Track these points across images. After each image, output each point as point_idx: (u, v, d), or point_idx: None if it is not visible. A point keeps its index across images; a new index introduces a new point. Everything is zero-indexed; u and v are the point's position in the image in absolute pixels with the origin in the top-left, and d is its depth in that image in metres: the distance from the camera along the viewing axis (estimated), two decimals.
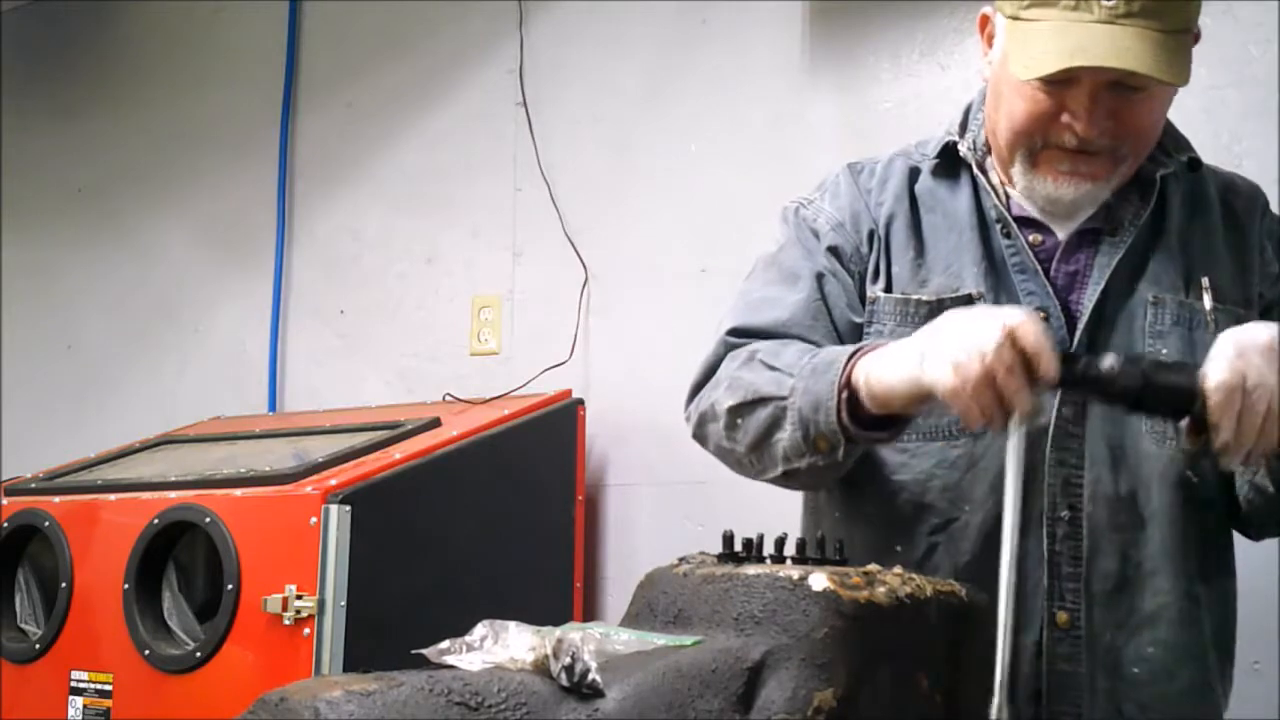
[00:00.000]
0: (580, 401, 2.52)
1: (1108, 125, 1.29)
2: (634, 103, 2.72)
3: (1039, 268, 1.35)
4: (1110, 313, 1.34)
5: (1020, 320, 1.12)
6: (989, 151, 1.41)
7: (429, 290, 2.95)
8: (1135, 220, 1.37)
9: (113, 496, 2.13)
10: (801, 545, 1.15)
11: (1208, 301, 1.35)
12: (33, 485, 2.36)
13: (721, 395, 1.33)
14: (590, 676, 0.92)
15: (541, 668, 0.94)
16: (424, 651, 0.98)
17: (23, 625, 2.19)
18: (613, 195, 2.72)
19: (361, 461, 2.04)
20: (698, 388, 1.39)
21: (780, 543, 1.17)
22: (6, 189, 3.78)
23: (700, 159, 2.61)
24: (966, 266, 1.36)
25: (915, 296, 1.36)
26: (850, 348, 1.25)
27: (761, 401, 1.28)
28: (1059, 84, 1.27)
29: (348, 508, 1.85)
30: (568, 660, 0.92)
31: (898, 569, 1.11)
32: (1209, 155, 2.05)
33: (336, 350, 3.08)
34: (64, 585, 2.09)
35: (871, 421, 1.22)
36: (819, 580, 1.02)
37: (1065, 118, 1.29)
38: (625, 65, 2.75)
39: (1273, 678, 1.90)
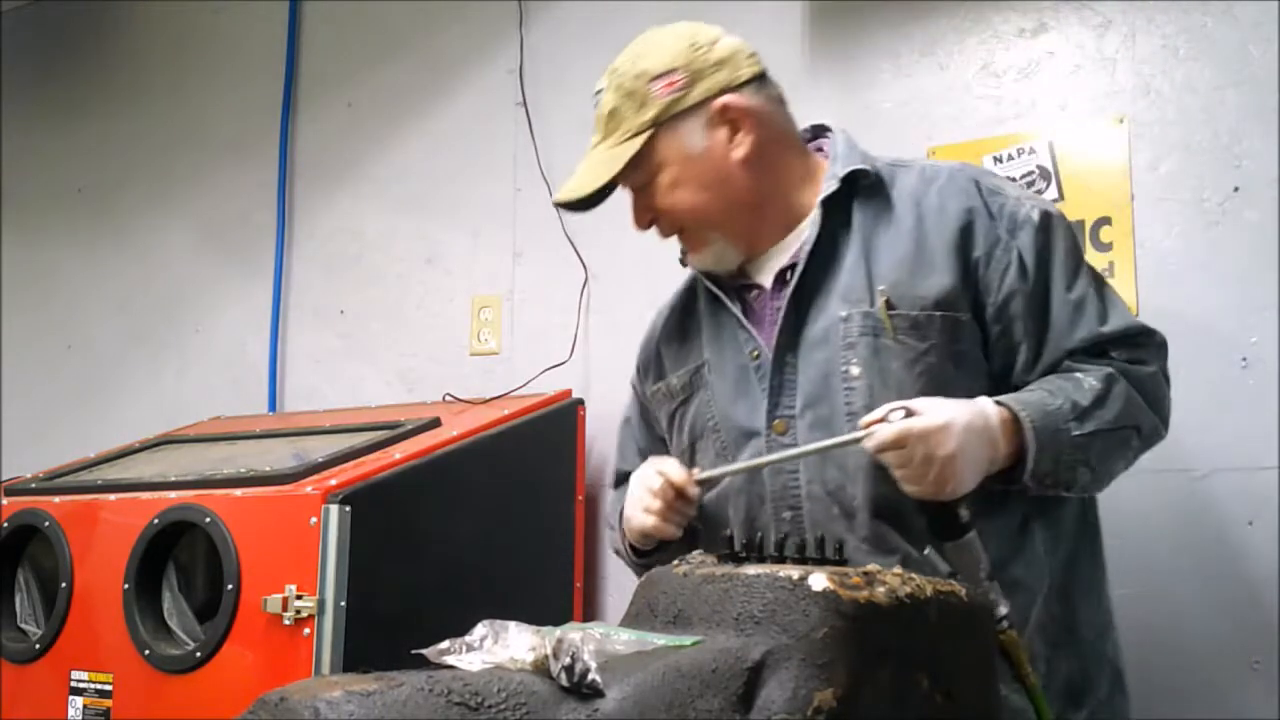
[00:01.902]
0: (580, 401, 2.52)
1: (648, 217, 1.59)
2: None
3: (742, 320, 1.57)
4: (815, 333, 1.51)
5: (667, 465, 1.51)
6: None
7: (429, 290, 2.95)
8: (804, 250, 1.53)
9: (113, 496, 2.13)
10: (801, 545, 1.15)
11: (884, 309, 1.46)
12: (33, 485, 2.36)
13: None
14: (590, 676, 0.92)
15: (541, 668, 0.94)
16: (424, 651, 0.98)
17: (23, 625, 2.19)
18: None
19: (361, 461, 2.04)
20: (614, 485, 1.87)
21: (780, 543, 1.17)
22: (6, 189, 3.78)
23: None
24: (703, 342, 1.63)
25: (664, 382, 1.68)
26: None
27: (616, 551, 1.72)
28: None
29: (347, 508, 1.84)
30: (568, 660, 0.92)
31: (897, 569, 1.11)
32: (1209, 155, 2.07)
33: (336, 350, 3.08)
34: (64, 585, 2.09)
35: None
36: (819, 580, 1.02)
37: (636, 221, 1.61)
38: None
39: (1273, 677, 1.90)
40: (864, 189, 1.55)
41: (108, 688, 1.99)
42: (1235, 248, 2.03)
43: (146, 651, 1.93)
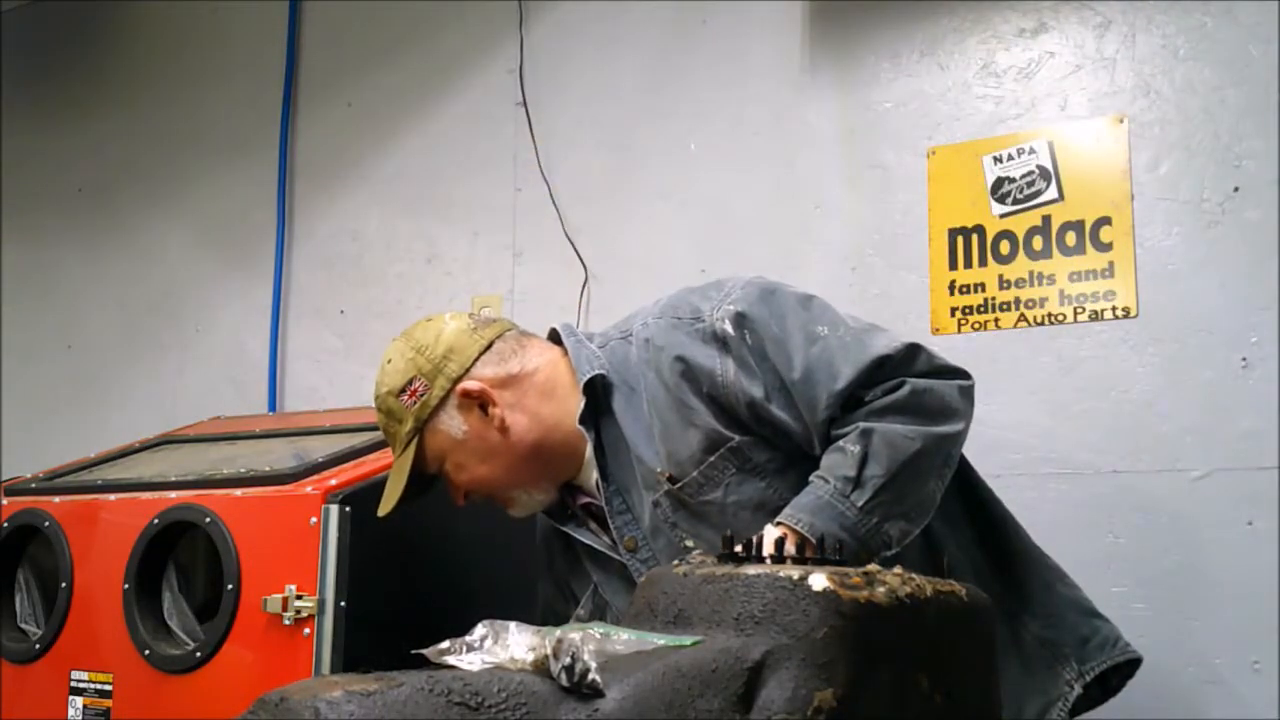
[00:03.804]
0: None
1: (459, 494, 1.71)
2: (634, 103, 2.72)
3: (594, 536, 1.68)
4: (646, 528, 1.59)
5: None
6: None
7: (429, 290, 2.95)
8: (590, 462, 1.63)
9: (113, 496, 2.12)
10: (801, 545, 1.15)
11: (670, 488, 1.55)
12: (33, 485, 2.36)
13: None
14: (590, 676, 0.92)
15: (541, 668, 0.94)
16: (424, 651, 0.98)
17: (23, 625, 2.19)
18: (613, 195, 2.72)
19: (361, 461, 2.03)
20: None
21: (780, 543, 1.17)
22: (6, 189, 3.78)
23: (700, 159, 2.61)
24: (586, 564, 1.72)
25: (574, 610, 1.75)
26: None
27: None
28: None
29: (347, 508, 1.84)
30: (568, 660, 0.92)
31: (898, 569, 1.11)
32: (1209, 155, 2.07)
33: (336, 350, 3.08)
34: (64, 585, 2.08)
35: None
36: (819, 580, 1.02)
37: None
38: (625, 65, 2.75)
39: (1273, 678, 1.90)
40: (604, 388, 1.63)
41: (108, 688, 1.99)
42: (1235, 248, 2.03)
43: (146, 651, 1.93)
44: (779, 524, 1.41)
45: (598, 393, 1.62)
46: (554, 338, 1.73)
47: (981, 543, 1.61)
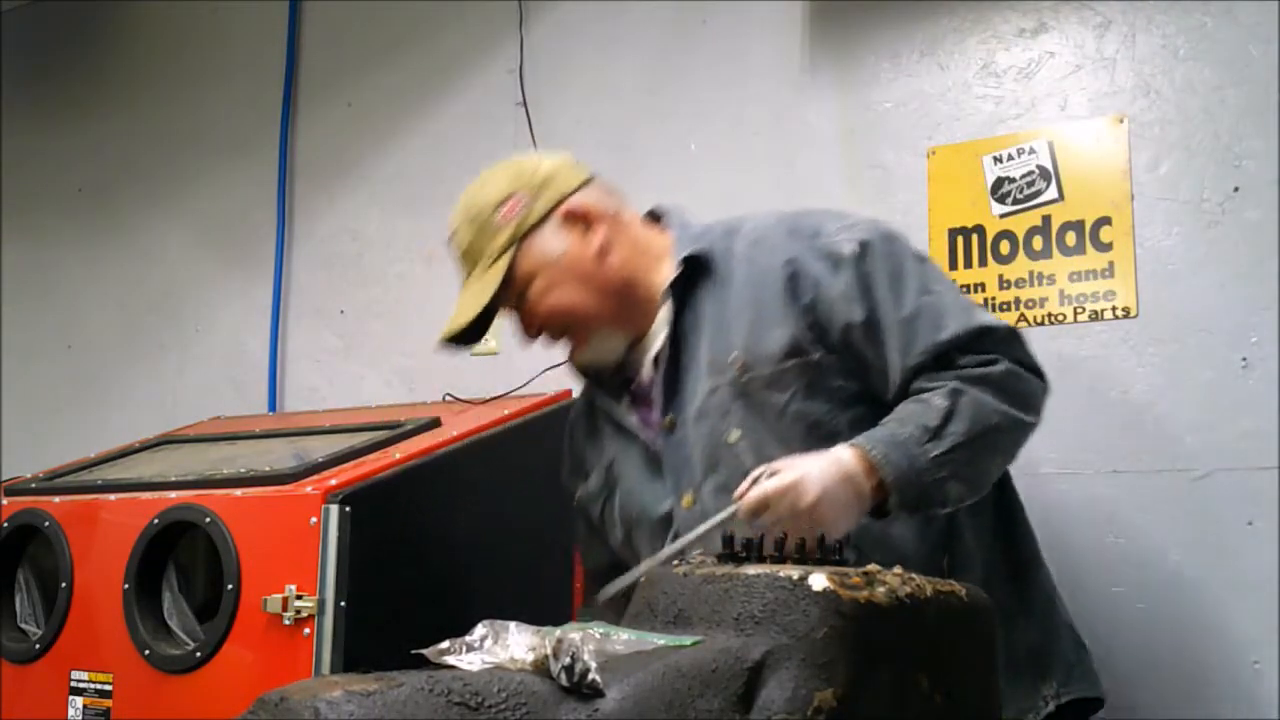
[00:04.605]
0: None
1: (534, 327, 1.68)
2: (634, 103, 2.72)
3: (624, 418, 1.69)
4: (693, 411, 1.60)
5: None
6: None
7: (429, 290, 2.95)
8: (664, 335, 1.64)
9: (113, 496, 2.12)
10: (801, 545, 1.15)
11: (741, 373, 1.57)
12: (33, 485, 2.36)
13: None
14: (590, 676, 0.92)
15: (541, 668, 0.94)
16: (424, 651, 0.98)
17: (23, 625, 2.19)
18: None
19: (361, 461, 2.04)
20: None
21: (780, 543, 1.17)
22: (6, 189, 3.78)
23: (700, 159, 2.61)
24: (606, 439, 1.74)
25: (583, 489, 1.77)
26: None
27: None
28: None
29: (347, 508, 1.84)
30: (568, 660, 0.92)
31: (898, 569, 1.11)
32: (1209, 155, 2.07)
33: (336, 350, 3.08)
34: (64, 585, 2.08)
35: None
36: (819, 580, 1.02)
37: (524, 334, 1.71)
38: (625, 65, 2.75)
39: (1273, 678, 1.90)
40: (704, 267, 1.65)
41: (108, 688, 1.99)
42: (1235, 248, 2.03)
43: (146, 651, 1.93)
44: (853, 446, 1.43)
45: (690, 270, 1.64)
46: (652, 217, 1.78)
47: (998, 538, 1.61)
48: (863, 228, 1.61)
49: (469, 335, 1.69)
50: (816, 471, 1.39)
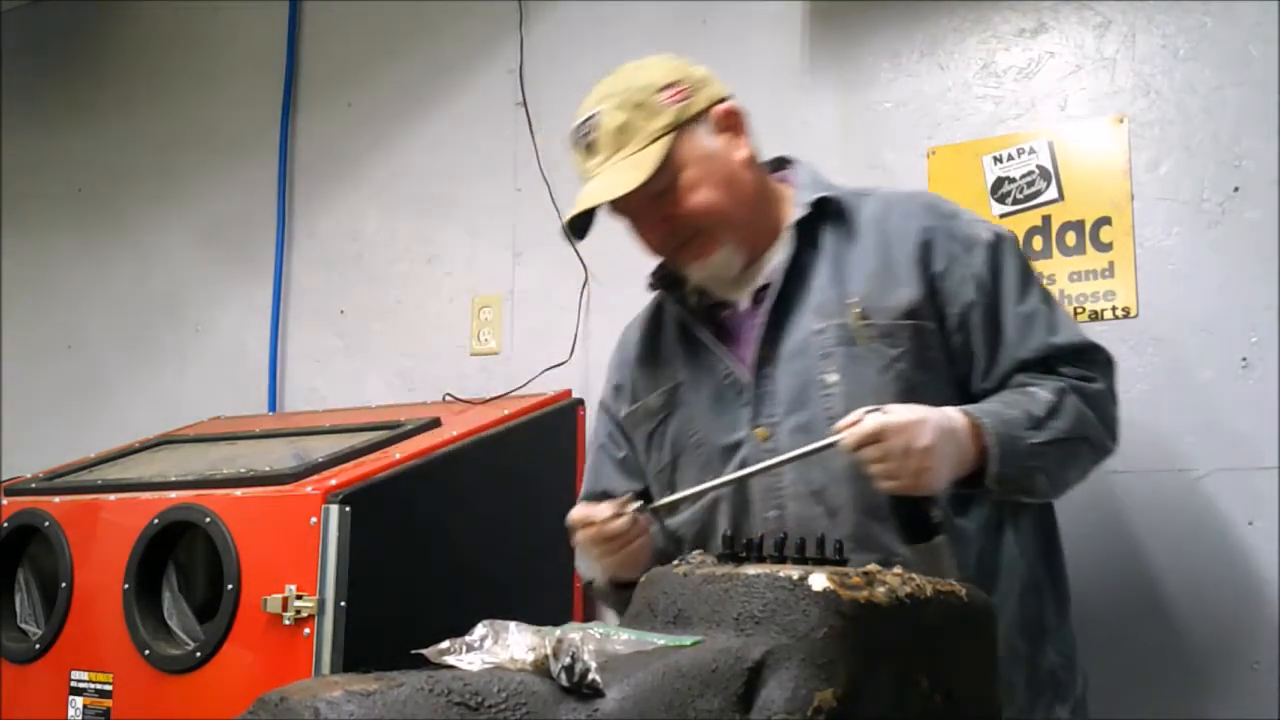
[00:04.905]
0: (580, 401, 2.52)
1: (665, 226, 1.63)
2: None
3: (715, 343, 1.65)
4: (790, 347, 1.59)
5: (596, 510, 1.55)
6: None
7: (429, 290, 2.95)
8: (780, 268, 1.62)
9: (113, 496, 2.13)
10: (801, 545, 1.15)
11: (857, 319, 1.56)
12: (33, 485, 2.36)
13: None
14: (590, 676, 0.92)
15: (541, 668, 0.94)
16: (424, 651, 0.98)
17: (23, 625, 2.19)
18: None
19: (361, 461, 2.04)
20: None
21: (780, 543, 1.17)
22: (6, 189, 3.78)
23: None
24: (677, 363, 1.70)
25: (642, 402, 1.73)
26: None
27: (589, 583, 1.72)
28: (631, 219, 1.66)
29: (347, 508, 1.84)
30: (568, 660, 0.92)
31: (898, 569, 1.11)
32: (1209, 155, 2.07)
33: (336, 350, 3.08)
34: (64, 585, 2.09)
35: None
36: (819, 580, 1.02)
37: (647, 235, 1.66)
38: None
39: (1273, 678, 1.90)
40: (831, 214, 1.65)
41: (108, 688, 1.99)
42: (1235, 248, 2.03)
43: (146, 651, 1.93)
44: (962, 410, 1.45)
45: (816, 213, 1.64)
46: (777, 165, 1.77)
47: (1039, 556, 1.62)
48: (996, 226, 1.65)
49: (582, 225, 1.66)
50: (933, 420, 1.40)
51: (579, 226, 1.66)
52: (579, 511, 1.58)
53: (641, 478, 1.76)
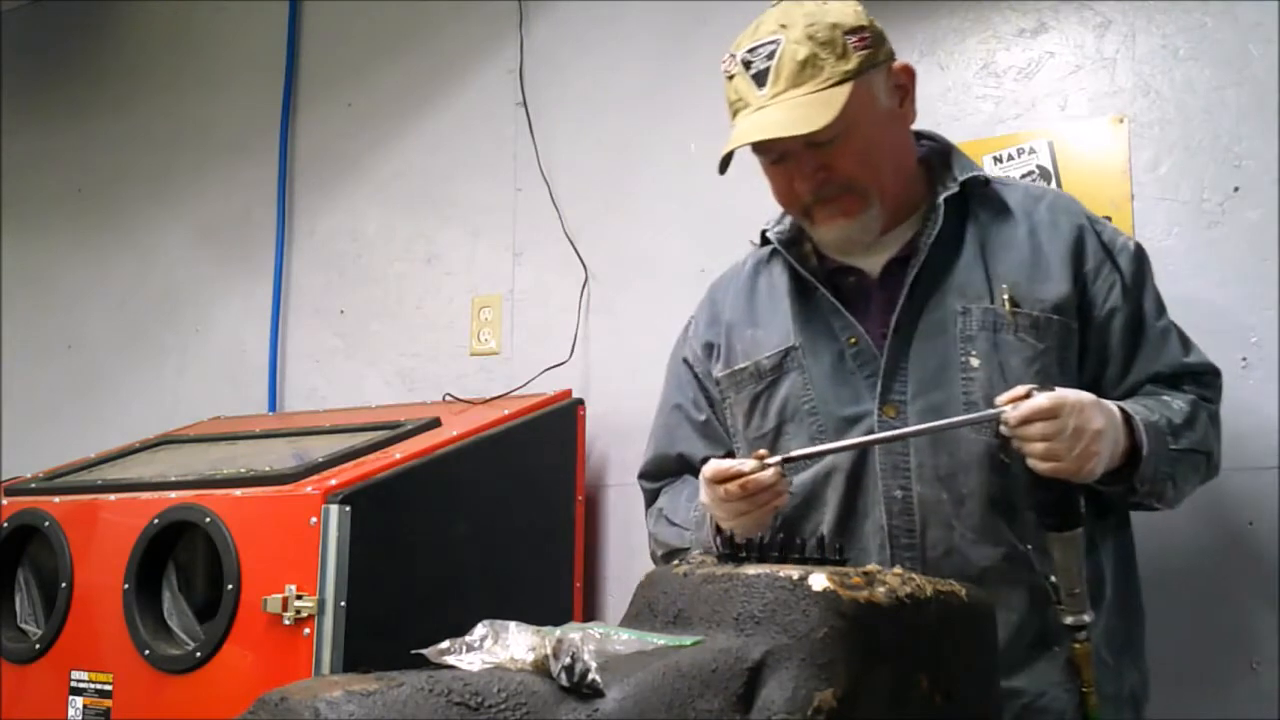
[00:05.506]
0: (580, 401, 2.52)
1: (821, 175, 1.54)
2: (634, 103, 2.72)
3: (841, 308, 1.58)
4: (930, 324, 1.53)
5: (743, 465, 1.44)
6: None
7: (429, 290, 2.95)
8: (926, 241, 1.56)
9: (113, 496, 2.13)
10: (801, 545, 1.15)
11: (1008, 306, 1.52)
12: (33, 485, 2.36)
13: (652, 545, 1.74)
14: (590, 676, 0.92)
15: (541, 668, 0.94)
16: (424, 651, 0.98)
17: (23, 625, 2.19)
18: (613, 195, 2.72)
19: (361, 461, 2.04)
20: (645, 475, 1.81)
21: (780, 543, 1.17)
22: (6, 189, 3.78)
23: (700, 159, 2.61)
24: (791, 325, 1.62)
25: (753, 362, 1.64)
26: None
27: (676, 551, 1.64)
28: (777, 162, 1.57)
29: (347, 508, 1.84)
30: (568, 660, 0.92)
31: (898, 569, 1.11)
32: (1209, 155, 2.07)
33: (336, 350, 3.08)
34: (64, 585, 2.09)
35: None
36: (819, 580, 1.02)
37: (795, 182, 1.56)
38: (625, 66, 2.75)
39: (1273, 678, 1.90)
40: (978, 195, 1.61)
41: (108, 688, 1.99)
42: (1235, 248, 2.03)
43: (146, 651, 1.93)
44: (1118, 404, 1.43)
45: (964, 192, 1.60)
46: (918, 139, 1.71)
47: (1126, 570, 1.59)
48: (1133, 239, 1.64)
49: (725, 163, 1.55)
50: (1104, 404, 1.38)
51: (726, 160, 1.55)
52: (720, 464, 1.47)
53: (722, 444, 1.70)
